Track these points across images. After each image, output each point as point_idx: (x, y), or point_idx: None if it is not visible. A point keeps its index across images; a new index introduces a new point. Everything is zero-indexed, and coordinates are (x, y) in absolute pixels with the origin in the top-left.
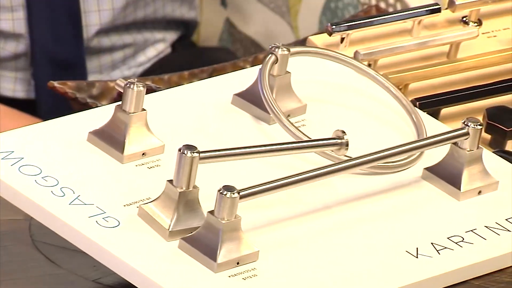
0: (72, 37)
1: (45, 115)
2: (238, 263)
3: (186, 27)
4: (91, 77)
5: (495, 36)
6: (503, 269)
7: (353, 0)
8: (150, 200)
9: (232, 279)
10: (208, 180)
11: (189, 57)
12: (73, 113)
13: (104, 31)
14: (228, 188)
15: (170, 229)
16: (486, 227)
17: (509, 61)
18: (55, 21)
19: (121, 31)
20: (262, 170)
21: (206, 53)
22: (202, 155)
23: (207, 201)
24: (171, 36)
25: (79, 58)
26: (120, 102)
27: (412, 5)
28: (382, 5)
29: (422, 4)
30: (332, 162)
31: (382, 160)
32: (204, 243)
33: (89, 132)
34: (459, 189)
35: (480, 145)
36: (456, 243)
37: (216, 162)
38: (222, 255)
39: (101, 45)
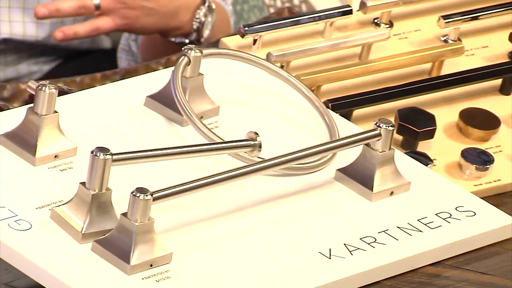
0: None
1: None
2: (151, 265)
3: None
4: None
5: (406, 37)
6: (415, 269)
7: (259, 2)
8: (63, 202)
9: (146, 281)
10: (122, 182)
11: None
12: None
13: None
14: (141, 190)
15: (83, 232)
16: (398, 227)
17: (420, 63)
18: None
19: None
20: (175, 172)
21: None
22: (115, 157)
23: (120, 203)
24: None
25: None
26: (32, 105)
27: (318, 7)
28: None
29: (331, 6)
30: (246, 164)
31: (295, 162)
32: (117, 245)
33: (0, 135)
34: (372, 190)
35: (392, 146)
36: (368, 243)
37: (129, 164)
38: (135, 257)
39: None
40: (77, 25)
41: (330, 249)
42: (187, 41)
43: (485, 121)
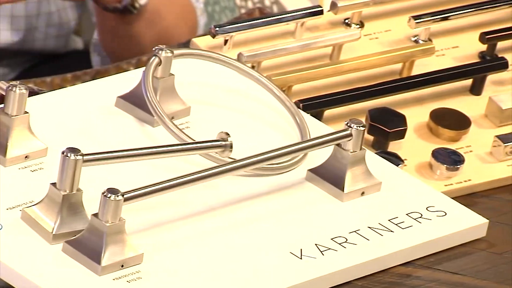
0: None
1: None
2: (122, 266)
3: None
4: None
5: (377, 38)
6: (386, 269)
7: (230, 3)
8: (34, 203)
9: (117, 282)
10: (93, 183)
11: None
12: None
13: None
14: (112, 191)
15: (53, 232)
16: (369, 227)
17: (390, 63)
18: None
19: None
20: (147, 172)
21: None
22: (85, 157)
23: (91, 204)
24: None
25: None
26: (2, 105)
27: (289, 7)
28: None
29: (302, 7)
30: (217, 164)
31: (266, 162)
32: (88, 246)
33: None
34: (343, 190)
35: (363, 146)
36: (339, 244)
37: (100, 165)
38: (106, 258)
39: None
40: None
41: (301, 249)
42: (119, 6)
43: (455, 121)
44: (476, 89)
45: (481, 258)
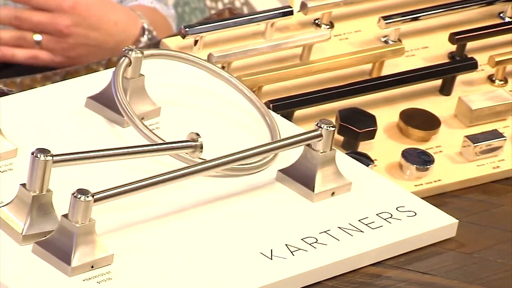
0: None
1: None
2: (92, 267)
3: None
4: None
5: (346, 38)
6: (357, 269)
7: (200, 4)
8: (3, 204)
9: (87, 283)
10: (63, 184)
11: None
12: None
13: None
14: (82, 192)
15: (23, 233)
16: (340, 228)
17: (360, 63)
18: None
19: None
20: (117, 173)
21: None
22: (55, 158)
23: (61, 204)
24: None
25: None
26: None
27: (259, 8)
28: None
29: (272, 7)
30: (187, 165)
31: (236, 162)
32: (58, 247)
33: None
34: (313, 190)
35: (333, 147)
36: (310, 244)
37: (71, 166)
38: (77, 259)
39: None
40: (17, 49)
41: (271, 250)
42: None
43: (425, 122)
44: (445, 90)
45: (451, 258)
